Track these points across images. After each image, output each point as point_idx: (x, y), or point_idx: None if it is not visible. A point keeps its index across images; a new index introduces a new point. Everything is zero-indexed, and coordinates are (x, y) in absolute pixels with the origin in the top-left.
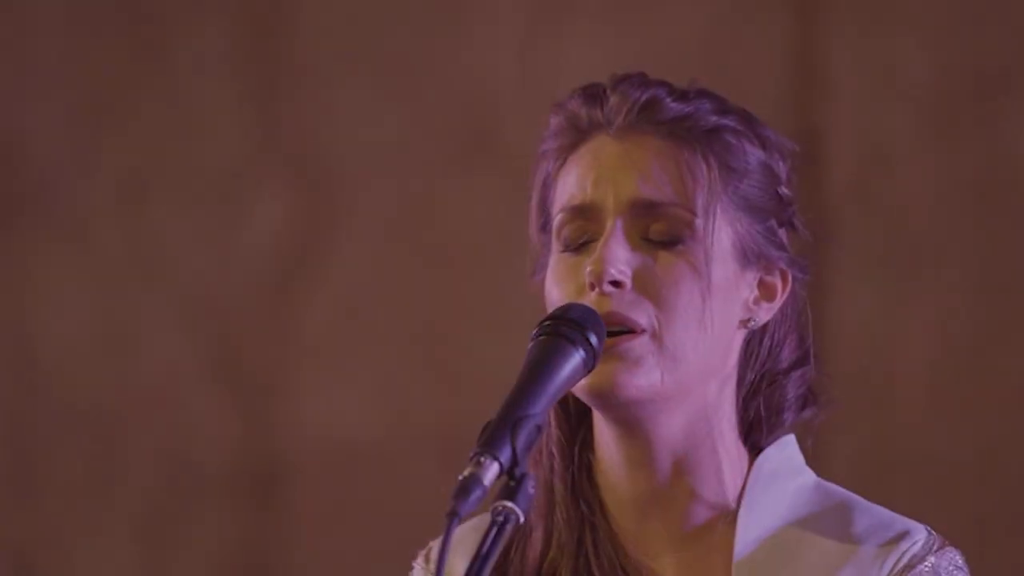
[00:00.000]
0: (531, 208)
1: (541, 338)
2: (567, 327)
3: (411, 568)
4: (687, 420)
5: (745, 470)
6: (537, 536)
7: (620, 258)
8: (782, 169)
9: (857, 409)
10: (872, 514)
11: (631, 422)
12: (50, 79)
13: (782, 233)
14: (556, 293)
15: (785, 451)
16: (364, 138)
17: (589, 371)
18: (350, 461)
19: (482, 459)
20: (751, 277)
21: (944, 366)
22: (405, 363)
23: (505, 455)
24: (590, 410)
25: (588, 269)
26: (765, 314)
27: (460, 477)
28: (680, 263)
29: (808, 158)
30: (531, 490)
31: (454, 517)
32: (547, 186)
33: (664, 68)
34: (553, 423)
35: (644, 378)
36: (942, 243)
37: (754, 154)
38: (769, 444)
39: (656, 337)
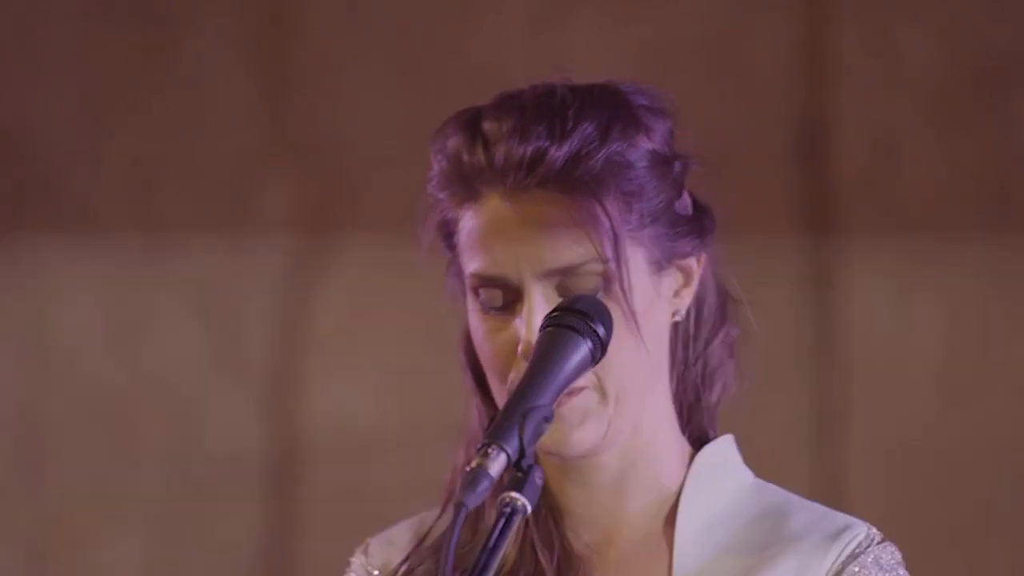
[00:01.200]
0: (426, 239)
1: (549, 329)
2: (575, 318)
3: (348, 564)
4: (631, 435)
5: (686, 460)
6: (491, 507)
7: None
8: (666, 140)
9: (867, 399)
10: (812, 509)
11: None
12: (59, 70)
13: (682, 203)
14: (488, 352)
15: (723, 450)
16: (373, 128)
17: (596, 362)
18: (362, 450)
19: (490, 450)
20: (668, 274)
21: (953, 356)
22: (416, 352)
23: (512, 446)
24: None
25: (520, 348)
26: (688, 298)
27: (467, 468)
28: None
29: (816, 148)
30: (539, 481)
31: (462, 508)
32: (448, 227)
33: (671, 59)
34: (482, 406)
35: (593, 432)
36: (951, 233)
37: (643, 159)
38: (710, 438)
39: (598, 388)
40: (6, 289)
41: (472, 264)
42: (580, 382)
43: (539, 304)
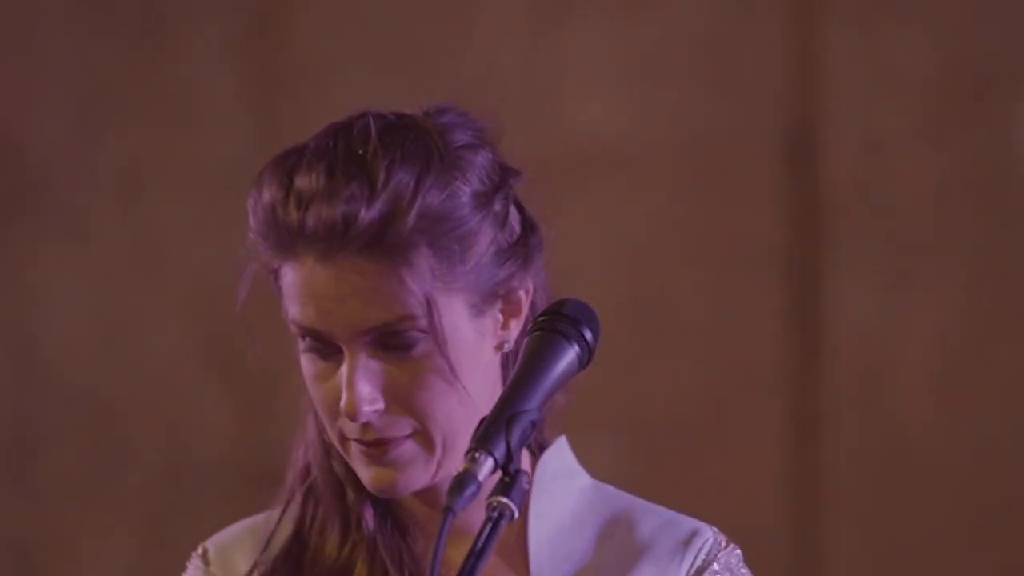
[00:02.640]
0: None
1: (536, 334)
2: (562, 323)
3: (184, 568)
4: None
5: (528, 467)
6: (334, 519)
7: (366, 396)
8: (487, 175)
9: (857, 405)
10: (657, 513)
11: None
12: (50, 75)
13: (507, 233)
14: (316, 396)
15: (560, 453)
16: None
17: (584, 366)
18: None
19: (477, 455)
20: (491, 312)
21: (943, 361)
22: None
23: (500, 451)
24: None
25: (342, 407)
26: (517, 327)
27: (455, 473)
28: (421, 365)
29: (806, 152)
30: (526, 485)
31: (449, 512)
32: (272, 270)
33: (666, 62)
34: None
35: (420, 476)
36: (941, 239)
37: (460, 207)
38: (545, 443)
39: (421, 435)
40: None
41: (292, 313)
42: (406, 432)
43: (359, 366)
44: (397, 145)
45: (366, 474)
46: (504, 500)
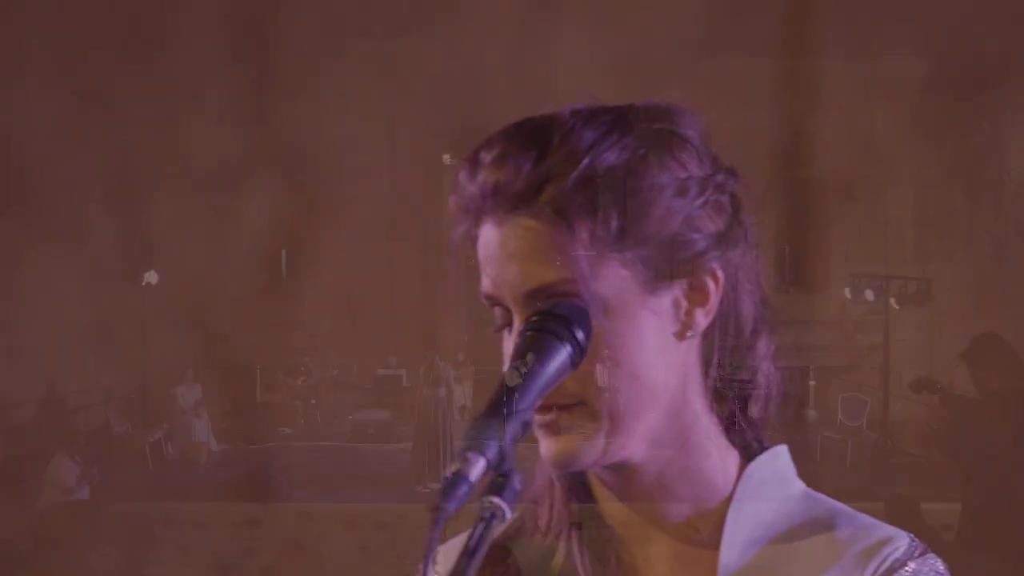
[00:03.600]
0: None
1: (529, 333)
2: (554, 323)
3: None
4: (655, 448)
5: (733, 472)
6: (543, 510)
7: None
8: (687, 157)
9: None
10: (856, 522)
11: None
12: (43, 78)
13: (703, 217)
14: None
15: (776, 462)
16: (356, 133)
17: (575, 366)
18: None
19: (468, 455)
20: (676, 290)
21: (937, 364)
22: (397, 354)
23: (492, 451)
24: None
25: (505, 370)
26: (703, 318)
27: (446, 473)
28: None
29: (804, 153)
30: (517, 486)
31: (441, 512)
32: (473, 242)
33: (656, 66)
34: None
35: (589, 449)
36: (934, 241)
37: (648, 176)
38: (758, 449)
39: (586, 406)
40: None
41: (480, 283)
42: (565, 399)
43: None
44: (585, 116)
45: (543, 448)
46: (496, 500)
